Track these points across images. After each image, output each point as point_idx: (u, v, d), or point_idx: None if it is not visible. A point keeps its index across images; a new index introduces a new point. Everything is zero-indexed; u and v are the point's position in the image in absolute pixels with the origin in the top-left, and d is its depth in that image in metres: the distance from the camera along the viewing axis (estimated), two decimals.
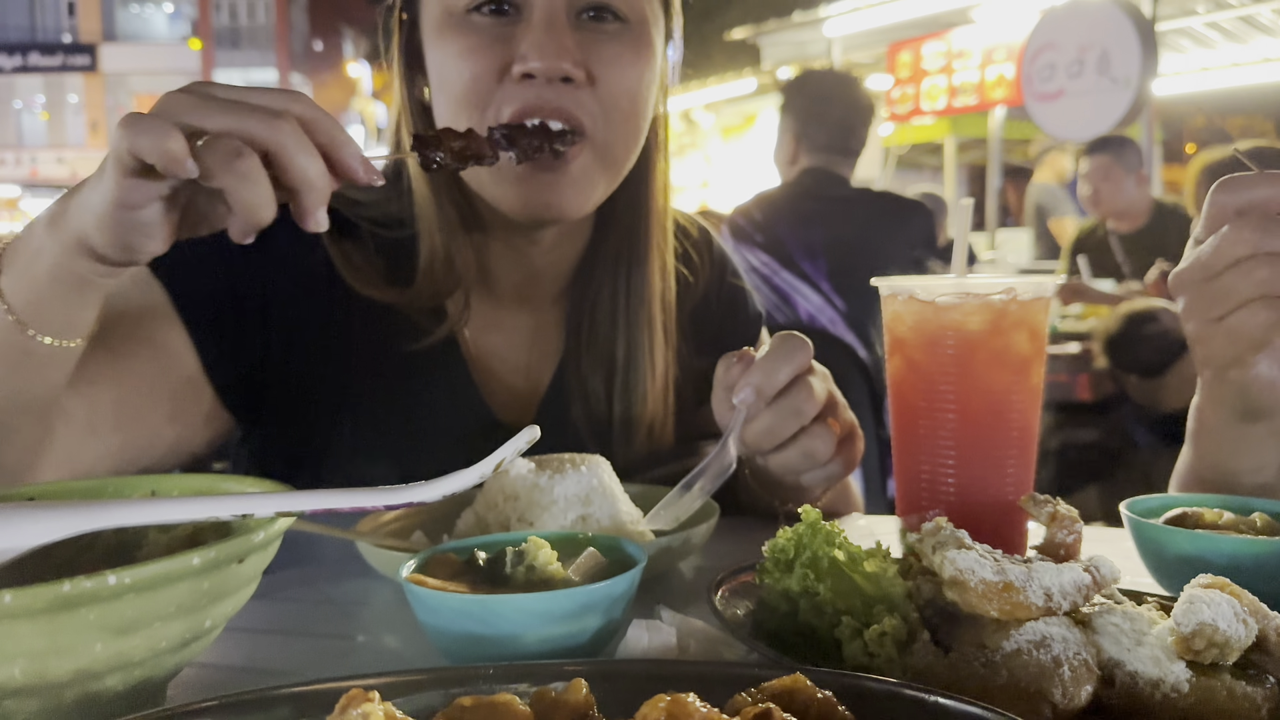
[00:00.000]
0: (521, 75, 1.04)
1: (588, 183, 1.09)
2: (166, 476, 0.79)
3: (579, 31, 1.06)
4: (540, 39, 1.03)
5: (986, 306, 0.88)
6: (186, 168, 0.69)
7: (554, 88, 1.04)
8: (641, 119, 1.13)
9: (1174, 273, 0.90)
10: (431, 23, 1.10)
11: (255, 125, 0.71)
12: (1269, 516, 0.84)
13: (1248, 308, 0.84)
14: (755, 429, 0.95)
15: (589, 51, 1.06)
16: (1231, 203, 0.86)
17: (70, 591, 0.54)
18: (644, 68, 1.11)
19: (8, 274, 0.83)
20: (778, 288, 3.15)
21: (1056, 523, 0.74)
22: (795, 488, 1.02)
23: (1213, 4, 8.07)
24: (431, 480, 0.66)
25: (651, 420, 1.23)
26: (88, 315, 0.86)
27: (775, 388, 0.94)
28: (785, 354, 0.95)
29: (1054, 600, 0.63)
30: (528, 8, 1.06)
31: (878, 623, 0.67)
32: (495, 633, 0.66)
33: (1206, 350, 0.92)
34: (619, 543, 0.77)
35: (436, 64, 1.10)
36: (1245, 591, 0.64)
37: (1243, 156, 0.99)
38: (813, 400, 0.95)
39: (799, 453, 0.97)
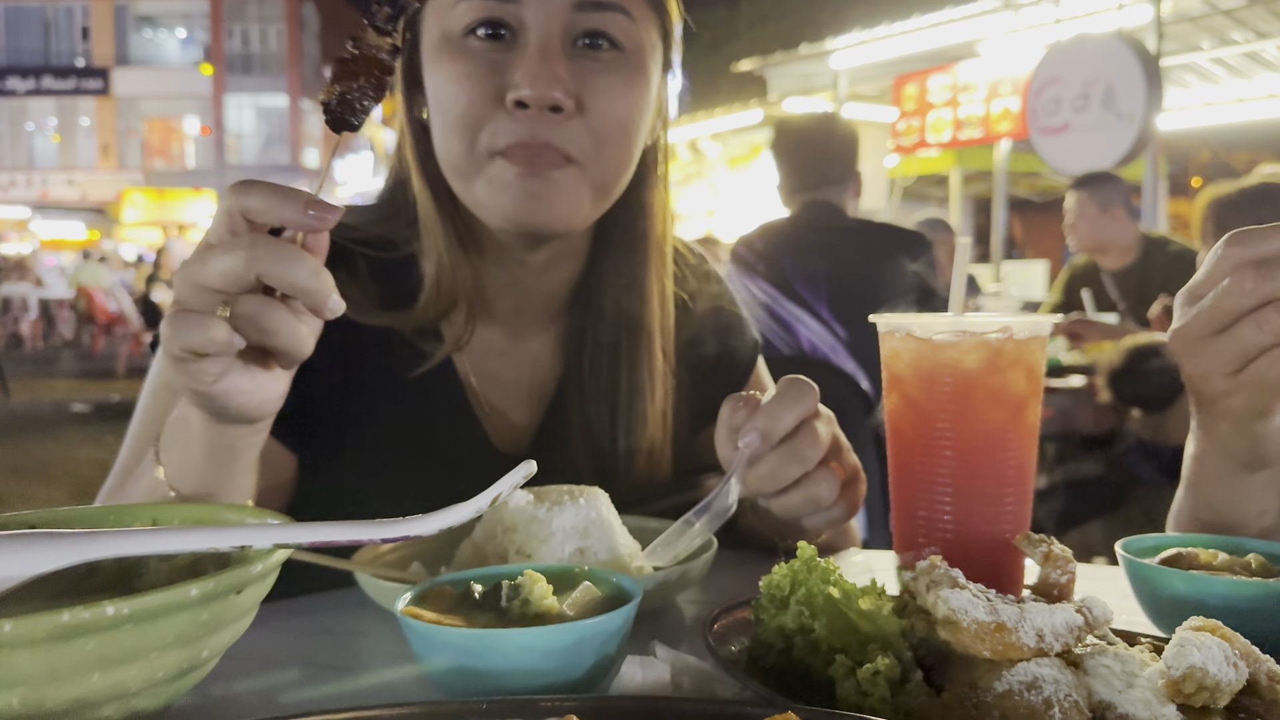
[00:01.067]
0: (514, 103, 1.05)
1: (575, 198, 1.10)
2: (167, 505, 0.80)
3: (573, 59, 1.07)
4: (533, 68, 1.04)
5: (983, 345, 0.89)
6: (233, 346, 0.78)
7: (544, 117, 1.05)
8: (632, 147, 1.14)
9: (1175, 330, 0.88)
10: (430, 44, 1.12)
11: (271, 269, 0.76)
12: (1264, 558, 0.84)
13: (1267, 357, 0.83)
14: (759, 473, 0.95)
15: (581, 80, 1.07)
16: (1247, 256, 0.83)
17: (69, 622, 0.54)
18: (636, 97, 1.12)
19: (165, 455, 0.91)
20: (779, 317, 3.18)
21: (1050, 562, 0.74)
22: (796, 527, 1.02)
23: (1218, 40, 8.13)
24: (428, 514, 0.66)
25: (650, 447, 1.24)
26: (246, 483, 0.91)
27: (780, 433, 0.94)
28: (791, 399, 0.95)
29: (1046, 641, 0.63)
30: (524, 32, 1.07)
31: (872, 661, 0.67)
32: (489, 667, 0.66)
33: (1227, 404, 0.89)
34: (615, 577, 0.78)
35: (434, 86, 1.11)
36: (1237, 635, 0.64)
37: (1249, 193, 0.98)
38: (817, 446, 0.95)
39: (802, 497, 0.96)
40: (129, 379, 13.71)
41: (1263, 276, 0.81)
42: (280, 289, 0.77)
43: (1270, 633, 0.76)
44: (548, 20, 1.06)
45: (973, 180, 11.13)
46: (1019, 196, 11.72)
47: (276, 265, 0.76)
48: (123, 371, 14.35)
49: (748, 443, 0.94)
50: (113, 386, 13.00)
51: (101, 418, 10.49)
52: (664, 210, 1.26)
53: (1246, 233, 0.84)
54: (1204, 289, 0.86)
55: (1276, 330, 0.82)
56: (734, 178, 11.86)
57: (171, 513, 0.79)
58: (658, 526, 1.09)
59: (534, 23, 1.06)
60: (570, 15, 1.07)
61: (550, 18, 1.06)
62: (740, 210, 11.28)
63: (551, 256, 1.21)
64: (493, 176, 1.07)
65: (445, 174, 1.13)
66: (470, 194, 1.11)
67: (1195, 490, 0.99)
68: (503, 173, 1.07)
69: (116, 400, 11.67)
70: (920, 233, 3.42)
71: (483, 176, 1.08)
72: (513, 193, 1.06)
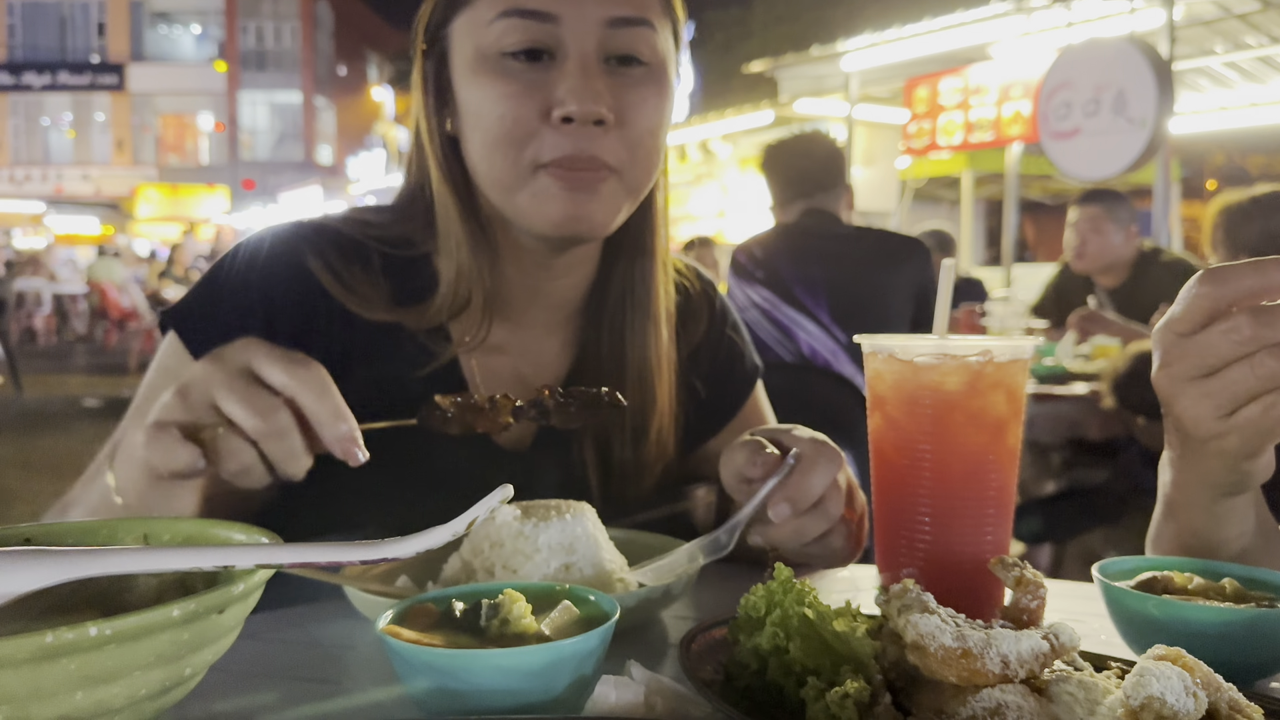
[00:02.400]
0: (561, 119, 1.09)
1: (615, 204, 1.16)
2: (158, 520, 0.82)
3: (609, 76, 1.13)
4: (576, 85, 1.09)
5: (964, 368, 0.90)
6: (199, 470, 0.84)
7: (587, 131, 1.10)
8: (660, 153, 1.21)
9: (1160, 372, 0.87)
10: (464, 62, 1.15)
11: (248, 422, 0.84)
12: (1238, 583, 0.85)
13: (1261, 402, 0.83)
14: (783, 532, 0.98)
15: (618, 95, 1.12)
16: (1221, 295, 0.83)
17: (52, 643, 0.56)
18: (665, 106, 1.18)
19: (117, 464, 0.93)
20: (779, 323, 3.22)
21: (1022, 587, 0.75)
22: (797, 554, 1.05)
23: (1231, 44, 8.09)
24: (407, 536, 0.68)
25: (651, 452, 1.27)
26: (188, 502, 0.92)
27: (809, 503, 0.96)
28: (822, 470, 0.97)
29: (1011, 668, 0.65)
30: (561, 53, 1.11)
31: (843, 683, 0.68)
32: (466, 687, 0.67)
33: (1219, 445, 0.88)
34: (594, 596, 0.79)
35: (473, 103, 1.14)
36: (1200, 664, 0.65)
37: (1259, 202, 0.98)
38: (840, 503, 0.99)
39: (819, 547, 1.02)
40: (141, 374, 13.76)
41: (1261, 324, 0.81)
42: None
43: (1240, 659, 0.78)
44: (584, 39, 1.11)
45: (984, 182, 11.10)
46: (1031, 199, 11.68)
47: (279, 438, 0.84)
48: (135, 367, 14.43)
49: (779, 513, 0.96)
50: (124, 382, 13.07)
51: (113, 413, 10.52)
52: (665, 213, 1.32)
53: (1219, 271, 0.83)
54: (1183, 326, 0.85)
55: (1270, 375, 0.81)
56: (744, 178, 11.87)
57: (162, 528, 0.80)
58: (646, 539, 1.11)
59: (572, 41, 1.11)
60: (604, 32, 1.12)
61: (586, 36, 1.11)
62: (750, 211, 11.29)
63: (569, 262, 1.26)
64: (538, 190, 1.12)
65: (483, 186, 1.18)
66: (513, 204, 1.15)
67: (1175, 515, 0.99)
68: (549, 185, 1.12)
69: (128, 395, 11.69)
70: (918, 239, 3.47)
71: (527, 189, 1.13)
72: (559, 203, 1.12)
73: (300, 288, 1.17)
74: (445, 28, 1.17)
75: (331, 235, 1.22)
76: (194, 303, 1.18)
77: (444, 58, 1.19)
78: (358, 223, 1.24)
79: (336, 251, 1.20)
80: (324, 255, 1.19)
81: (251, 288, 1.17)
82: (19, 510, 6.44)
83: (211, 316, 1.16)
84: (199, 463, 0.84)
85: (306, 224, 1.24)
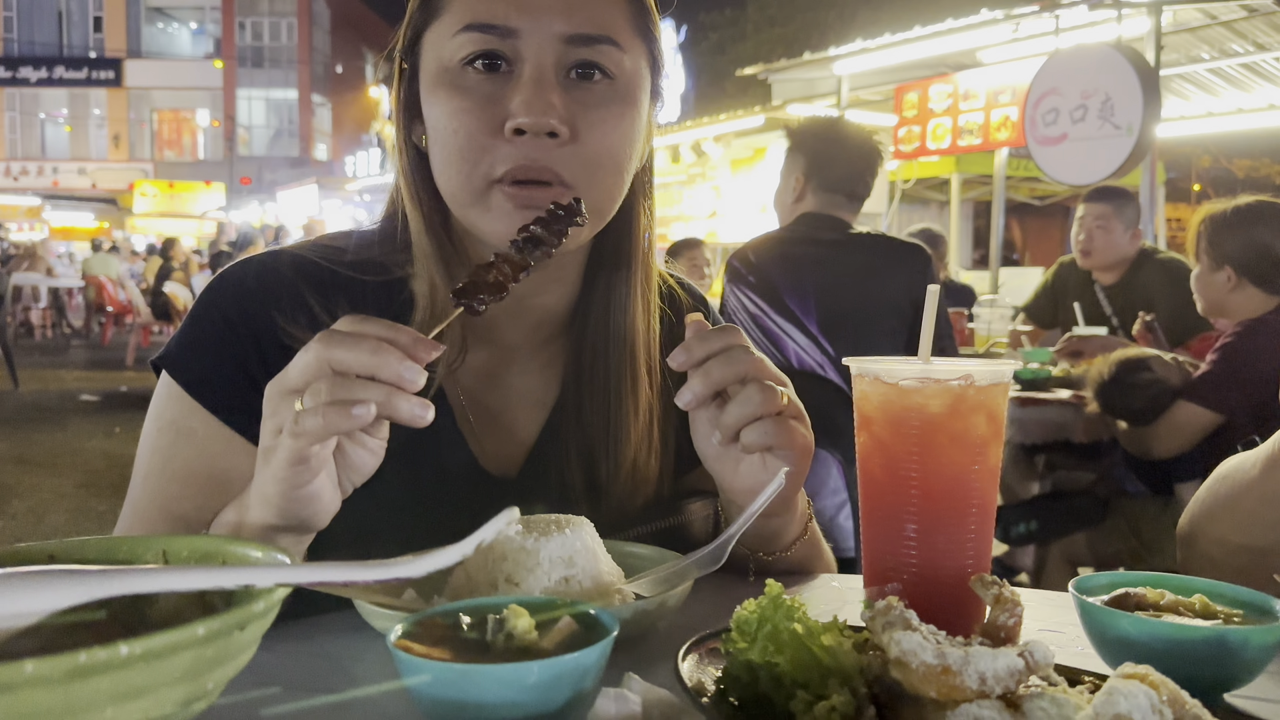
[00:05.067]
0: (513, 130, 1.10)
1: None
2: (176, 538, 0.85)
3: (567, 90, 1.13)
4: (529, 97, 1.10)
5: (946, 391, 0.94)
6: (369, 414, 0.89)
7: (541, 144, 1.11)
8: (623, 174, 1.20)
9: None
10: (429, 76, 1.16)
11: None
12: (1207, 599, 0.89)
13: None
14: (696, 387, 1.04)
15: (575, 110, 1.13)
16: None
17: (85, 662, 0.59)
18: (627, 127, 1.17)
19: (253, 497, 0.98)
20: (768, 330, 3.21)
21: (1000, 604, 0.79)
22: (748, 482, 1.07)
23: (1217, 51, 8.15)
24: (419, 556, 0.71)
25: (634, 461, 1.27)
26: (331, 496, 0.98)
27: (709, 351, 1.04)
28: (718, 334, 1.05)
29: (988, 684, 0.68)
30: (519, 64, 1.12)
31: (829, 696, 0.72)
32: (472, 699, 0.71)
33: None
34: (594, 610, 0.83)
35: (433, 117, 1.16)
36: (1167, 681, 0.69)
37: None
38: (748, 357, 1.04)
39: (737, 405, 1.03)
40: (138, 369, 13.79)
41: None
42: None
43: (1208, 673, 0.82)
44: (541, 52, 1.12)
45: (972, 184, 11.17)
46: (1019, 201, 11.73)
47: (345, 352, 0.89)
48: (131, 362, 14.43)
49: (675, 359, 1.04)
50: (121, 377, 13.08)
51: (110, 408, 10.57)
52: (650, 229, 1.32)
53: None
54: None
55: None
56: (736, 180, 11.92)
57: (180, 545, 0.84)
58: (642, 552, 1.15)
59: (529, 54, 1.12)
60: (562, 48, 1.12)
61: (544, 50, 1.12)
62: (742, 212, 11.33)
63: (543, 279, 1.26)
64: (492, 205, 1.13)
65: (446, 200, 1.18)
66: (469, 219, 1.16)
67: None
68: (501, 203, 1.12)
69: (125, 390, 11.74)
70: (918, 244, 3.42)
71: (481, 204, 1.13)
72: (511, 220, 1.11)
73: (285, 321, 1.18)
74: (418, 43, 1.19)
75: (309, 269, 1.23)
76: (185, 342, 1.19)
77: (416, 74, 1.20)
78: (332, 250, 1.26)
79: (314, 284, 1.21)
80: (303, 289, 1.20)
81: (237, 324, 1.18)
82: (16, 506, 6.46)
83: (203, 355, 1.18)
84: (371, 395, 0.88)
85: (282, 257, 1.24)
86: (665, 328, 1.35)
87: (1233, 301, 3.33)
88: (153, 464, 1.17)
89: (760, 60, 11.14)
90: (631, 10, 1.19)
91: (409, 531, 1.07)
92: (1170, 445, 3.18)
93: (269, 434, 0.93)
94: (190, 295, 14.00)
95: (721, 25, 25.66)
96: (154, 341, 16.02)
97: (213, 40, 41.21)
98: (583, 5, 1.13)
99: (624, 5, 1.18)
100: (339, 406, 0.87)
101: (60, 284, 19.55)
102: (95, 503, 6.55)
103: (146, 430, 1.19)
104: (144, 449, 1.18)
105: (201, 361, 1.17)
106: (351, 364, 0.89)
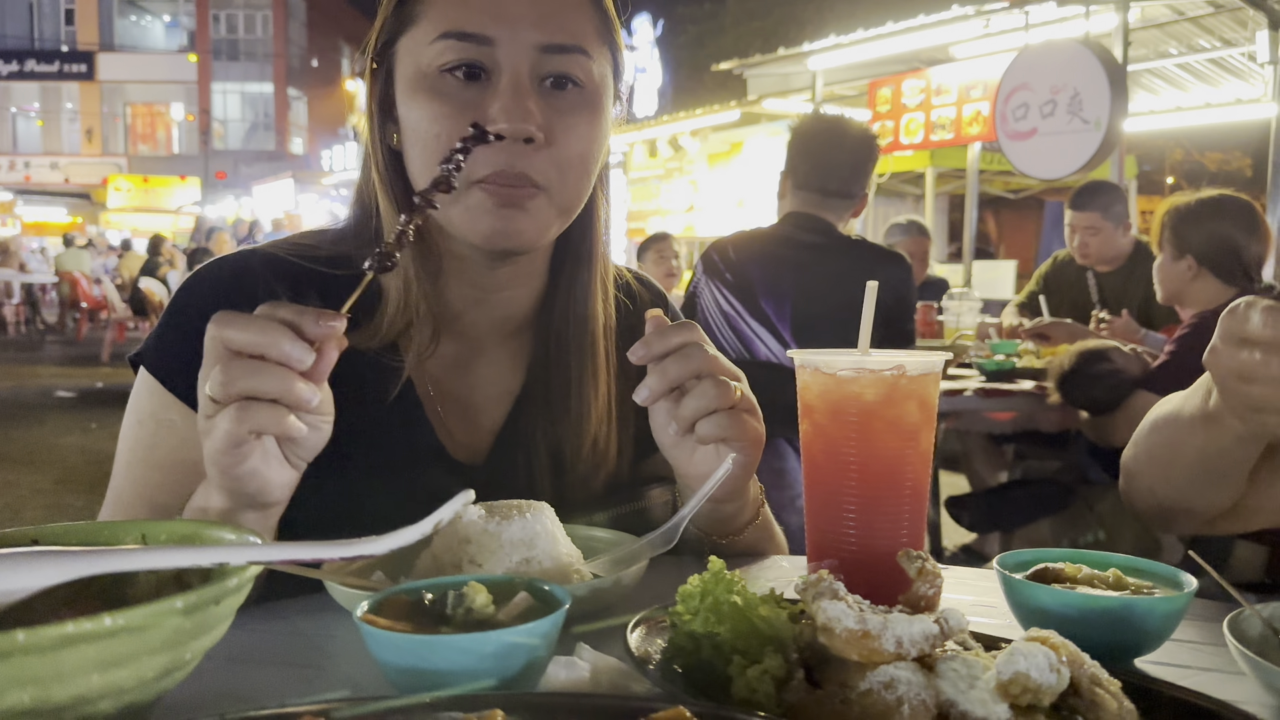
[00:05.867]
0: (491, 136, 1.15)
1: (543, 219, 1.22)
2: (155, 523, 0.90)
3: (542, 97, 1.19)
4: (508, 104, 1.16)
5: (881, 380, 1.00)
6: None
7: (517, 148, 1.17)
8: (591, 174, 1.27)
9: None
10: (406, 80, 1.21)
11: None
12: (1120, 572, 0.96)
13: None
14: (651, 379, 1.10)
15: (549, 117, 1.19)
16: None
17: (73, 631, 0.65)
18: (596, 131, 1.24)
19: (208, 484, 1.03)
20: (740, 331, 3.21)
21: (922, 577, 0.86)
22: (702, 469, 1.13)
23: (1185, 46, 8.27)
24: (381, 536, 0.77)
25: (596, 434, 1.33)
26: (283, 472, 1.03)
27: (665, 349, 1.10)
28: (677, 330, 1.11)
29: (904, 647, 0.75)
30: (496, 73, 1.18)
31: (764, 661, 0.78)
32: (434, 668, 0.77)
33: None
34: (548, 587, 0.89)
35: (412, 120, 1.21)
36: (1068, 644, 0.75)
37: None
38: (703, 354, 1.09)
39: (693, 399, 1.09)
40: (113, 365, 13.72)
41: None
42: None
43: (1117, 640, 0.89)
44: (517, 61, 1.17)
45: (947, 178, 11.28)
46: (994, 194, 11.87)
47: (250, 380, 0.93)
48: (107, 358, 14.35)
49: (634, 354, 1.10)
50: (97, 373, 13.02)
51: (86, 404, 10.53)
52: (607, 223, 1.38)
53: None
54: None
55: None
56: (713, 174, 11.99)
57: (158, 529, 0.89)
58: (601, 535, 1.21)
59: (506, 63, 1.17)
60: (537, 56, 1.18)
61: (520, 58, 1.17)
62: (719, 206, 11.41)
63: (512, 273, 1.32)
64: (471, 204, 1.18)
65: None
66: (447, 218, 1.22)
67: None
68: (481, 201, 1.18)
69: (101, 386, 11.70)
70: (899, 254, 3.39)
71: (461, 204, 1.19)
72: (490, 218, 1.18)
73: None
74: (392, 47, 1.24)
75: (281, 265, 1.28)
76: (161, 338, 1.24)
77: (390, 76, 1.25)
78: (302, 247, 1.30)
79: (287, 281, 1.26)
80: (275, 286, 1.25)
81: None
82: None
83: (179, 350, 1.22)
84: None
85: (255, 255, 1.29)
86: (623, 313, 1.43)
87: (1192, 290, 3.43)
88: (134, 454, 1.22)
89: (739, 54, 11.22)
90: (598, 20, 1.25)
91: (379, 518, 1.11)
92: (1130, 434, 3.26)
93: (201, 420, 0.97)
94: (166, 291, 13.94)
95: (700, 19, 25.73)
96: (130, 337, 15.92)
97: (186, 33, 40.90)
98: (555, 16, 1.19)
99: (591, 15, 1.24)
100: (250, 405, 0.93)
101: (34, 280, 19.41)
102: (72, 498, 6.55)
103: (127, 423, 1.24)
104: (124, 441, 1.23)
105: (178, 357, 1.22)
106: (242, 343, 0.93)
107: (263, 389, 0.92)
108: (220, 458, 0.95)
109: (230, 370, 0.92)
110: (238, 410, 0.92)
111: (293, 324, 0.94)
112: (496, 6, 1.17)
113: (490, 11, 1.17)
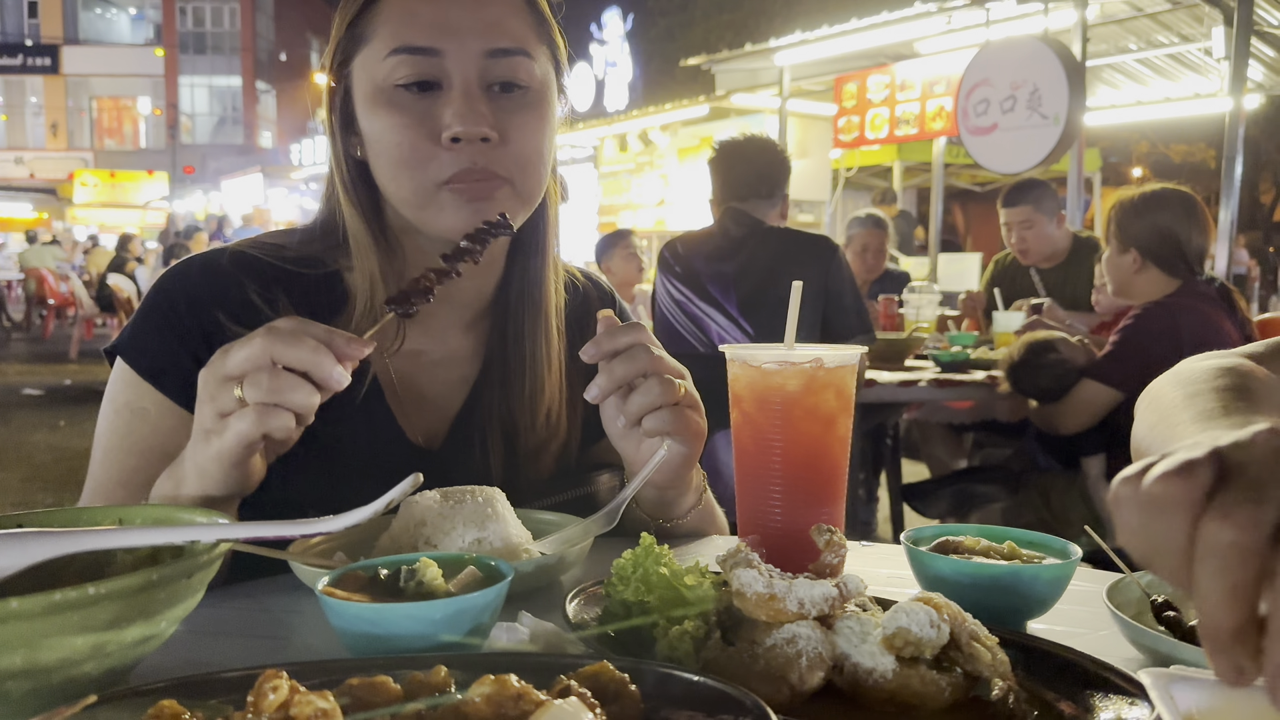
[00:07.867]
0: (450, 139, 1.25)
1: (512, 208, 1.31)
2: (131, 508, 0.98)
3: (492, 99, 1.29)
4: (461, 109, 1.25)
5: (801, 372, 1.10)
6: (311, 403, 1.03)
7: (476, 148, 1.26)
8: (545, 164, 1.36)
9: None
10: (364, 95, 1.30)
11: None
12: (1015, 543, 1.06)
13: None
14: (601, 378, 1.18)
15: (501, 118, 1.28)
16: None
17: (60, 599, 0.73)
18: (546, 125, 1.34)
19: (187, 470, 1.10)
20: (692, 315, 3.56)
21: (829, 548, 0.95)
22: (647, 458, 1.20)
23: (1144, 42, 8.43)
24: (338, 515, 0.86)
25: (549, 408, 1.42)
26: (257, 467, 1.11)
27: (614, 349, 1.18)
28: (625, 331, 1.19)
29: (806, 608, 0.84)
30: (447, 82, 1.27)
31: (684, 624, 0.88)
32: (386, 634, 0.85)
33: None
34: (494, 562, 0.97)
35: (375, 133, 1.29)
36: (950, 604, 0.85)
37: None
38: (649, 354, 1.17)
39: (639, 395, 1.17)
40: (82, 362, 13.64)
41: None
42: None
43: (1006, 604, 0.99)
44: (466, 68, 1.27)
45: (914, 172, 11.44)
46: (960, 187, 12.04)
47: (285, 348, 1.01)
48: (75, 355, 14.26)
49: (586, 353, 1.18)
50: (65, 370, 12.93)
51: (54, 401, 10.47)
52: (557, 213, 1.48)
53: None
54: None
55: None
56: (683, 169, 12.09)
57: (134, 513, 0.97)
58: (550, 518, 1.29)
59: (456, 72, 1.27)
60: (484, 62, 1.27)
61: (468, 66, 1.27)
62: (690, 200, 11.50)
63: (473, 266, 1.40)
64: (443, 204, 1.27)
65: (394, 204, 1.33)
66: (422, 219, 1.30)
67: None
68: (452, 200, 1.27)
69: (69, 384, 11.63)
70: (826, 237, 3.76)
71: (433, 205, 1.28)
72: (464, 213, 1.27)
73: (229, 313, 1.30)
74: (348, 65, 1.33)
75: (250, 263, 1.35)
76: (137, 331, 1.31)
77: (349, 92, 1.33)
78: (271, 247, 1.39)
79: (256, 278, 1.34)
80: (245, 282, 1.33)
81: (185, 315, 1.30)
82: None
83: (154, 341, 1.30)
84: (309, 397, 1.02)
85: (225, 254, 1.37)
86: (576, 301, 1.53)
87: (1138, 283, 3.54)
88: (111, 442, 1.29)
89: (708, 48, 11.31)
90: (535, 22, 1.34)
91: (340, 501, 1.19)
92: (1076, 422, 3.40)
93: (209, 417, 1.04)
94: (134, 287, 13.86)
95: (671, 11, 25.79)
96: (98, 334, 15.82)
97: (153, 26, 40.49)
98: (496, 23, 1.29)
99: (528, 18, 1.33)
100: (274, 411, 1.01)
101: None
102: (42, 496, 6.55)
103: (104, 413, 1.31)
104: (102, 430, 1.30)
105: (153, 348, 1.29)
106: (292, 361, 1.01)
107: (296, 403, 1.01)
108: (230, 454, 1.03)
109: (277, 381, 1.00)
110: (259, 415, 1.00)
111: (326, 343, 1.02)
112: (441, 20, 1.26)
113: (436, 25, 1.26)
